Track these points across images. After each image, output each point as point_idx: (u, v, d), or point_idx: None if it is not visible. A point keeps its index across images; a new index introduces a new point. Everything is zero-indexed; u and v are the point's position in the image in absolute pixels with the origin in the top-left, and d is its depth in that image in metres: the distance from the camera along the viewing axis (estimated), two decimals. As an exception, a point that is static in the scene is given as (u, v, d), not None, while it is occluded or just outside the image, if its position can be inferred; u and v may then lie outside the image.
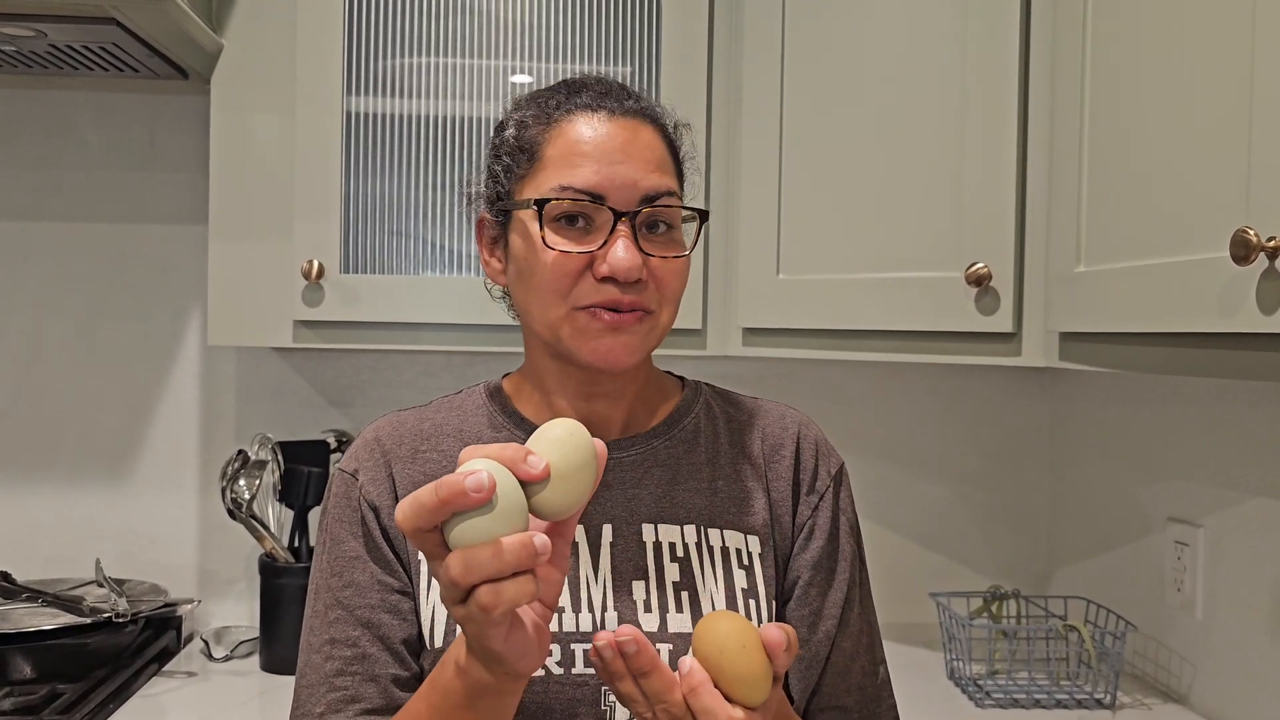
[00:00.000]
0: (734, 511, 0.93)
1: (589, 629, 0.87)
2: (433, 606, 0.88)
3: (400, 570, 0.89)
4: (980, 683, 1.57)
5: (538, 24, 1.59)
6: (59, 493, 1.83)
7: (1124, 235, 1.10)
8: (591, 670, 0.85)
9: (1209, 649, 1.49)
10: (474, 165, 1.59)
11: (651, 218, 0.87)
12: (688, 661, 0.71)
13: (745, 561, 0.92)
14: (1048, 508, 1.94)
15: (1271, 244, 0.84)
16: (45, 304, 1.82)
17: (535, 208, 0.86)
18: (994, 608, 1.69)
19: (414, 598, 0.89)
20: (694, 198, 0.97)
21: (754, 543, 0.93)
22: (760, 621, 0.90)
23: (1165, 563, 1.57)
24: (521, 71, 1.59)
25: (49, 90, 1.81)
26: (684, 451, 0.95)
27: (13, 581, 1.69)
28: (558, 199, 0.85)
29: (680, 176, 0.93)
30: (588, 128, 0.87)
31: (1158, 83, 1.05)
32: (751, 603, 0.90)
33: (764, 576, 0.92)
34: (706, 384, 1.03)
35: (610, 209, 0.85)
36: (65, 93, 1.81)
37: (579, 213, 0.86)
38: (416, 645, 0.88)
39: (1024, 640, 1.63)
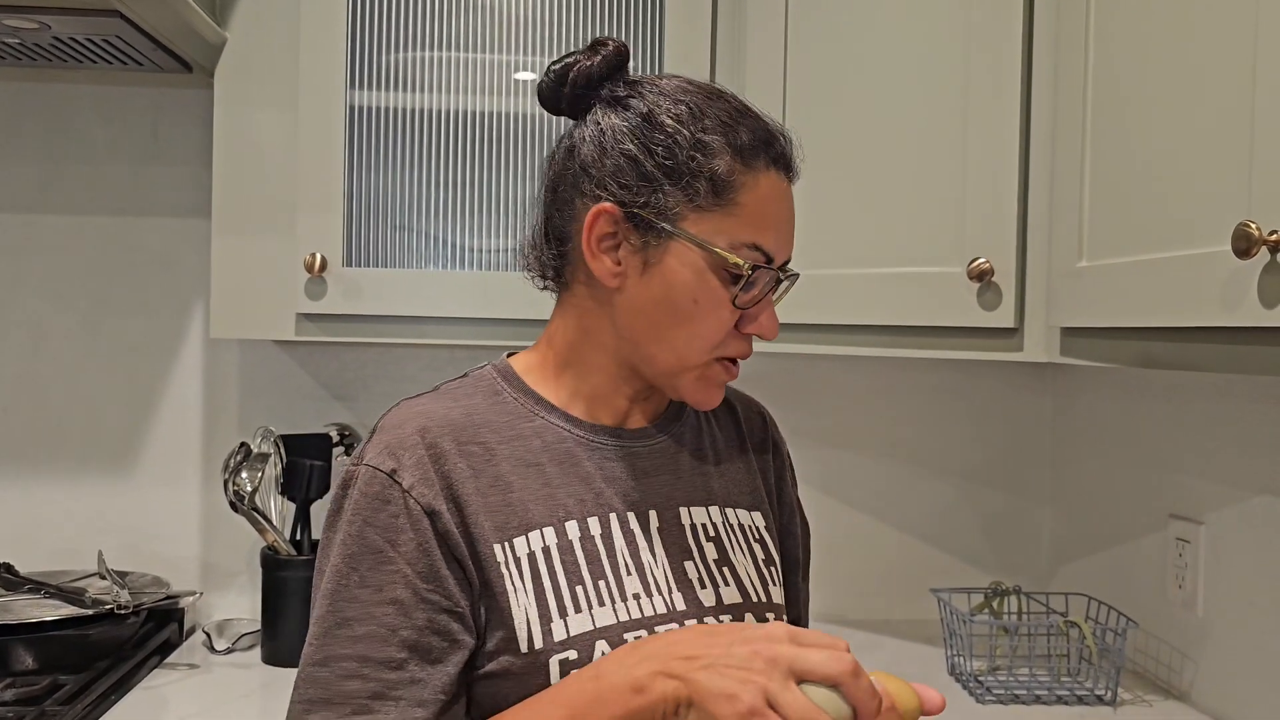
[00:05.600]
0: (738, 491, 1.00)
1: (664, 611, 0.88)
2: (525, 610, 0.83)
3: (453, 583, 0.83)
4: (981, 679, 1.57)
5: (540, 18, 1.59)
6: (62, 485, 1.83)
7: (1126, 230, 1.10)
8: None
9: (1210, 646, 1.49)
10: (477, 160, 1.59)
11: None
12: None
13: (758, 535, 0.99)
14: (1049, 504, 1.94)
15: (1273, 237, 0.84)
16: (48, 297, 1.83)
17: (771, 269, 0.88)
18: (995, 604, 1.69)
19: (501, 601, 0.84)
20: None
21: (757, 518, 1.00)
22: (775, 586, 0.99)
23: (1167, 560, 1.57)
24: (525, 68, 1.60)
25: (52, 83, 1.81)
26: (693, 436, 0.99)
27: (15, 573, 1.69)
28: (761, 268, 0.87)
29: None
30: (775, 191, 0.89)
31: (1160, 77, 1.05)
32: (771, 569, 0.98)
33: (774, 546, 1.00)
34: None
35: (779, 273, 0.90)
36: (68, 86, 1.81)
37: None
38: (461, 670, 0.83)
39: (1025, 636, 1.63)
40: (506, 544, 0.85)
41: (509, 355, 0.97)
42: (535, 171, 1.61)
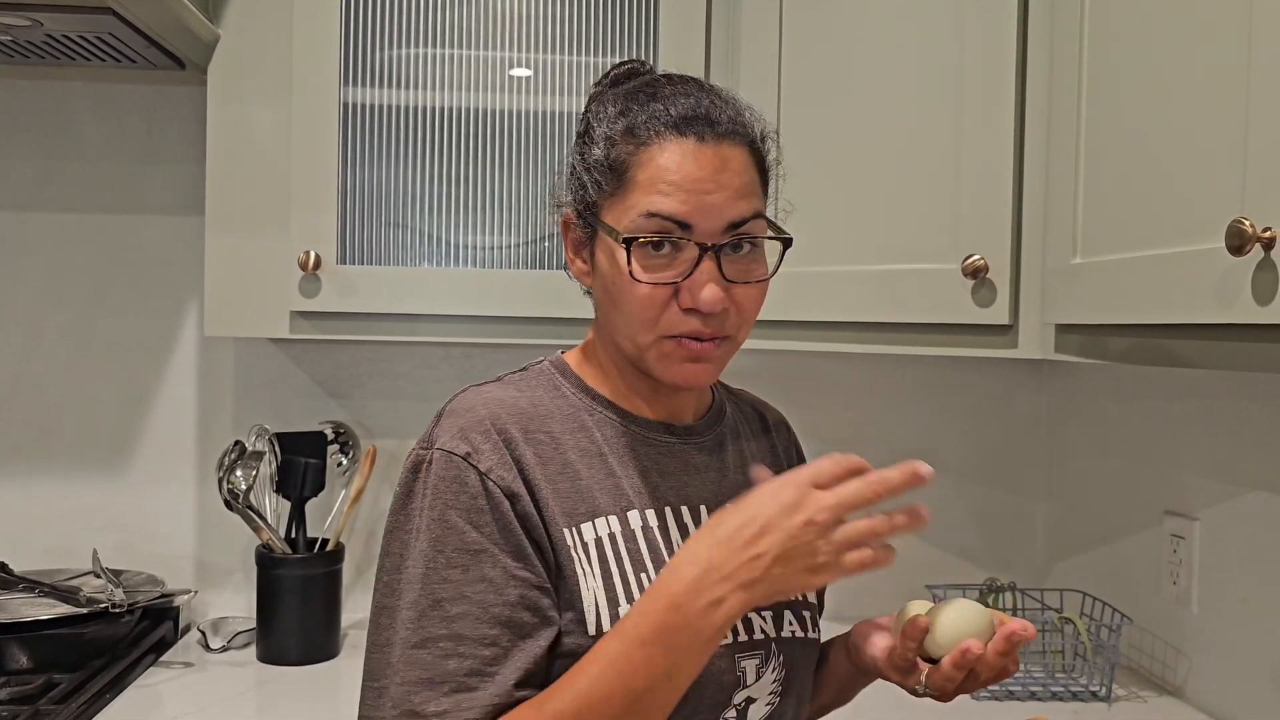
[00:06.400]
0: None
1: None
2: (594, 593, 0.86)
3: (538, 562, 0.85)
4: (976, 675, 1.57)
5: (535, 14, 1.59)
6: (57, 484, 1.83)
7: (1120, 227, 1.10)
8: (725, 643, 0.88)
9: (1204, 642, 1.49)
10: (471, 157, 1.59)
11: (735, 240, 0.87)
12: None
13: None
14: (1044, 500, 1.94)
15: (1267, 234, 0.84)
16: (43, 295, 1.82)
17: (624, 244, 0.86)
18: (990, 600, 1.69)
19: (571, 583, 0.86)
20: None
21: None
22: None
23: (1161, 556, 1.58)
24: (520, 64, 1.59)
25: (46, 81, 1.80)
26: (731, 436, 1.01)
27: (10, 572, 1.69)
28: (644, 237, 0.85)
29: (765, 189, 0.94)
30: (677, 154, 0.86)
31: (1154, 75, 1.05)
32: None
33: None
34: None
35: (696, 243, 0.85)
36: (62, 83, 1.81)
37: (665, 239, 0.86)
38: (551, 646, 0.85)
39: (1020, 633, 1.63)
40: (574, 529, 0.87)
41: (562, 353, 1.00)
42: (530, 168, 1.60)
